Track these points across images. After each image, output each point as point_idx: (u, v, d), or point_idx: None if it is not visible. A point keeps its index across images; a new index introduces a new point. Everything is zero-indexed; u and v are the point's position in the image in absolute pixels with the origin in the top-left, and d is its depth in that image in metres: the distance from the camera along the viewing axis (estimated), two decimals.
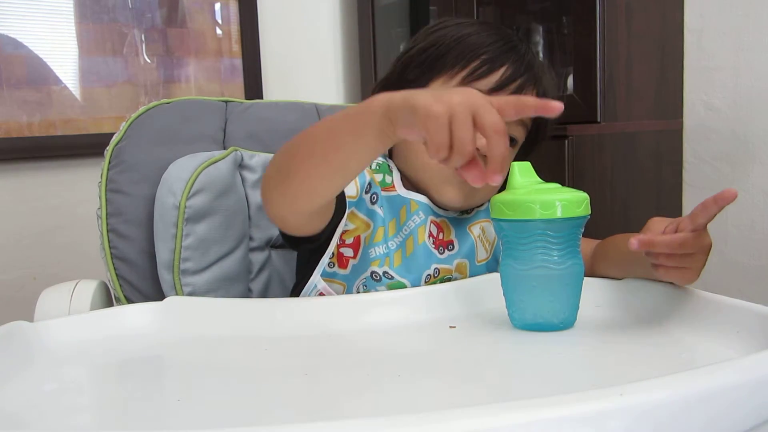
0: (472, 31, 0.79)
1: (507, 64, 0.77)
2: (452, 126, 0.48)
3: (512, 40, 0.80)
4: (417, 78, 0.80)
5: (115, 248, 0.86)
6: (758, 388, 0.44)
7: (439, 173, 0.78)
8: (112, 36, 2.00)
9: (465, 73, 0.76)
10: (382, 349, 0.62)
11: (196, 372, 0.58)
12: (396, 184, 0.81)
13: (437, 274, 0.79)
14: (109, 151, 0.89)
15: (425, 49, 0.80)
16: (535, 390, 0.51)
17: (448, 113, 0.48)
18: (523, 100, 0.51)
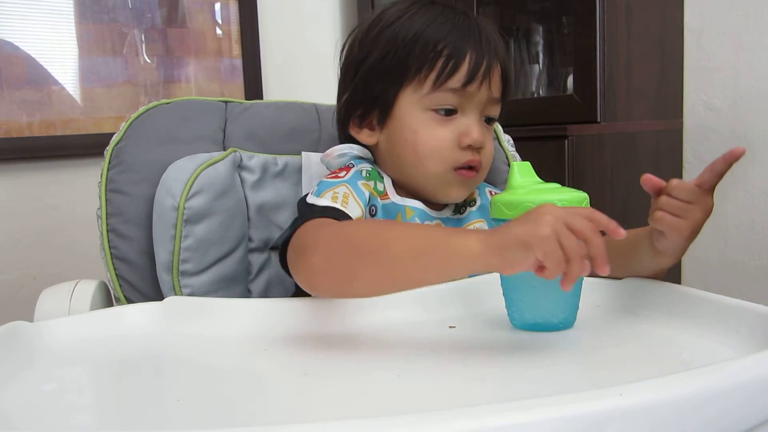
0: (421, 23, 0.77)
1: (469, 50, 0.76)
2: (561, 242, 0.51)
3: (460, 17, 0.78)
4: (384, 91, 0.79)
5: (115, 248, 0.86)
6: (758, 388, 0.44)
7: (440, 178, 0.79)
8: (112, 36, 2.00)
9: (433, 76, 0.76)
10: (382, 349, 0.62)
11: (196, 372, 0.58)
12: (389, 191, 0.82)
13: None
14: (108, 151, 0.89)
15: (382, 59, 0.78)
16: (534, 390, 0.51)
17: (555, 233, 0.51)
18: (599, 220, 0.53)
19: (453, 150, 0.78)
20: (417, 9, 0.79)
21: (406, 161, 0.80)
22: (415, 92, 0.78)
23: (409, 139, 0.79)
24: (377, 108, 0.81)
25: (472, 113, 0.78)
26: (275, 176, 0.94)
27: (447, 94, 0.76)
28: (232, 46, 2.20)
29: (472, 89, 0.76)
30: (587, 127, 1.59)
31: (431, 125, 0.78)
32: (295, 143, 0.97)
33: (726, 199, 1.70)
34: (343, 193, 0.77)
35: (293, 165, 0.95)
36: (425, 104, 0.77)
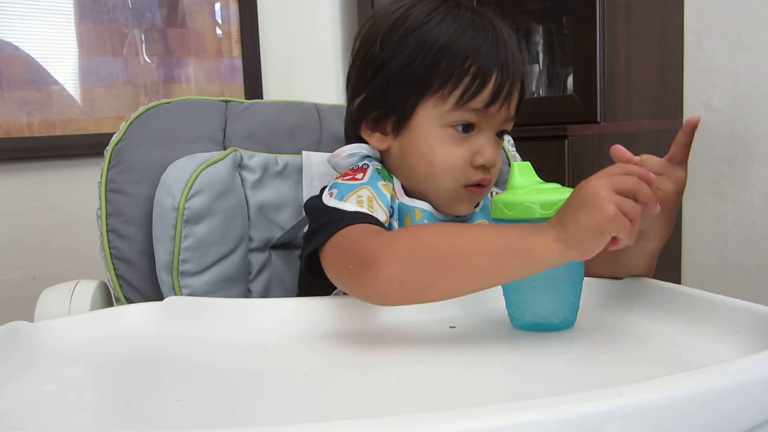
0: (450, 32, 0.75)
1: (495, 71, 0.74)
2: (623, 211, 0.54)
3: (488, 28, 0.76)
4: (404, 100, 0.77)
5: (115, 248, 0.86)
6: (759, 389, 0.44)
7: (451, 194, 0.78)
8: (112, 36, 2.00)
9: (458, 94, 0.74)
10: (383, 349, 0.62)
11: (196, 372, 0.58)
12: (398, 191, 0.81)
13: None
14: (108, 151, 0.89)
15: (406, 66, 0.76)
16: (534, 390, 0.51)
17: (617, 207, 0.54)
18: (631, 170, 0.59)
19: (466, 169, 0.77)
20: (445, 14, 0.76)
21: (418, 173, 0.79)
22: (436, 107, 0.76)
23: (424, 153, 0.77)
24: (394, 115, 0.79)
25: (488, 132, 0.77)
26: (276, 176, 0.94)
27: (468, 113, 0.75)
28: (232, 46, 2.20)
29: (493, 110, 0.75)
30: (587, 127, 1.59)
31: (448, 142, 0.76)
32: (296, 143, 0.97)
33: (726, 199, 1.70)
34: (367, 196, 0.75)
35: (294, 164, 0.95)
36: (445, 120, 0.76)
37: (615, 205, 0.54)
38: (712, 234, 1.73)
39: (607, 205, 0.54)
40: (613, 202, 0.54)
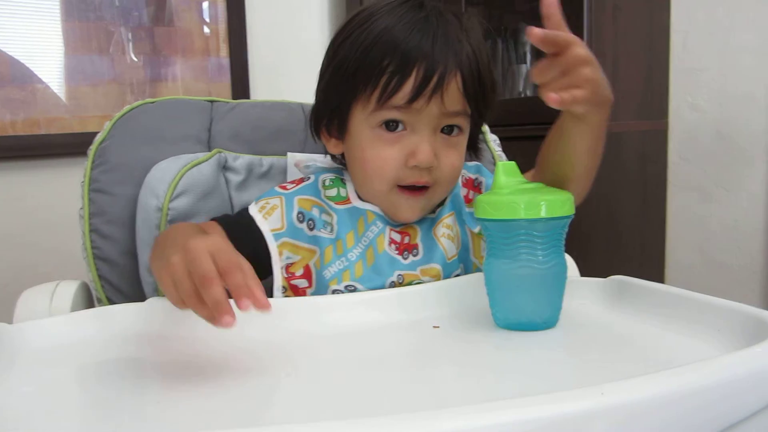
0: (375, 34, 0.73)
1: (417, 65, 0.71)
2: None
3: (419, 23, 0.73)
4: (339, 105, 0.78)
5: (98, 248, 0.86)
6: (739, 386, 0.45)
7: (385, 196, 0.78)
8: (98, 34, 1.99)
9: (377, 94, 0.73)
10: (365, 349, 0.62)
11: (177, 373, 0.57)
12: (351, 196, 0.81)
13: (401, 281, 0.78)
14: (92, 150, 0.88)
15: (336, 73, 0.77)
16: (517, 390, 0.51)
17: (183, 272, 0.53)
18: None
19: (398, 169, 0.75)
20: (381, 15, 0.75)
21: (358, 177, 0.80)
22: (363, 109, 0.75)
23: (358, 156, 0.78)
24: (336, 120, 0.79)
25: (422, 130, 0.74)
26: (260, 177, 0.93)
27: (391, 111, 0.74)
28: (219, 45, 2.19)
29: (418, 105, 0.73)
30: None
31: (378, 144, 0.75)
32: (281, 143, 0.96)
33: (710, 199, 1.72)
34: (273, 205, 0.79)
35: (278, 166, 0.95)
36: (371, 122, 0.75)
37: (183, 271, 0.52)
38: (695, 234, 1.74)
39: (175, 261, 0.53)
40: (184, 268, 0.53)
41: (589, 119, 0.65)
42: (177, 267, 0.52)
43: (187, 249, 0.52)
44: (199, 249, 0.52)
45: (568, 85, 0.61)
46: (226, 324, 0.50)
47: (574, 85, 0.61)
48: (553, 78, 0.61)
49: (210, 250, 0.52)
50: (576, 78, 0.60)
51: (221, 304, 0.50)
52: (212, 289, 0.50)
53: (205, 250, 0.52)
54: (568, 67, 0.61)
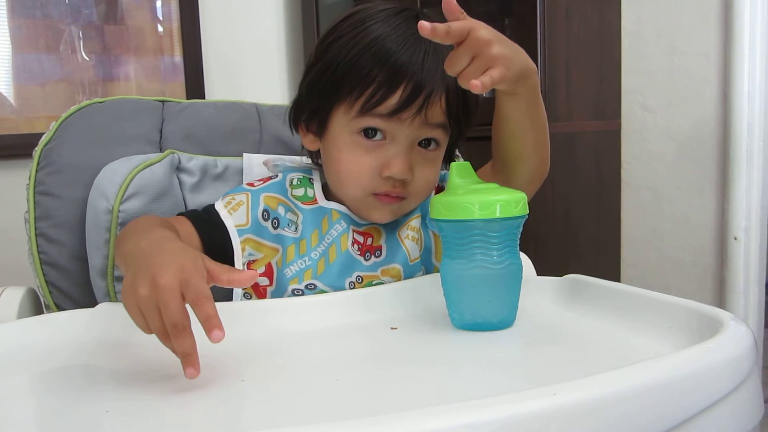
0: (367, 42, 0.73)
1: (405, 80, 0.72)
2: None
3: (415, 37, 0.72)
4: (321, 105, 0.78)
5: (45, 253, 0.83)
6: (689, 383, 0.45)
7: (360, 201, 0.78)
8: (46, 32, 1.93)
9: (362, 101, 0.73)
10: (322, 352, 0.62)
11: (131, 381, 0.56)
12: (317, 196, 0.81)
13: (360, 281, 0.78)
14: (37, 152, 0.85)
15: (323, 73, 0.77)
16: (472, 391, 0.51)
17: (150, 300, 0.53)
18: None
19: (372, 178, 0.76)
20: (376, 21, 0.75)
21: (331, 177, 0.80)
22: (345, 113, 0.75)
23: (334, 158, 0.78)
24: (317, 118, 0.80)
25: (401, 142, 0.75)
26: (215, 178, 0.92)
27: (373, 119, 0.74)
28: (173, 44, 2.16)
29: (402, 117, 0.73)
30: None
31: (355, 149, 0.76)
32: (236, 144, 0.95)
33: (662, 197, 1.76)
34: (238, 201, 0.79)
35: (234, 167, 0.93)
36: (352, 127, 0.75)
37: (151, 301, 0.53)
38: (649, 231, 1.78)
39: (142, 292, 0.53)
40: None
41: (518, 91, 0.68)
42: (146, 303, 0.53)
43: (156, 286, 0.52)
44: (169, 289, 0.52)
45: (481, 67, 0.62)
46: (190, 376, 0.51)
47: (487, 65, 0.62)
48: (465, 66, 0.62)
49: (180, 284, 0.52)
50: (487, 59, 0.62)
51: (190, 356, 0.52)
52: (183, 341, 0.51)
53: (175, 289, 0.52)
54: (475, 52, 0.62)
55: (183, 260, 0.55)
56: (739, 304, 1.62)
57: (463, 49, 0.62)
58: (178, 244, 0.61)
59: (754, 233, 1.61)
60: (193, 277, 0.53)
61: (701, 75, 1.66)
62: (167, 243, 0.62)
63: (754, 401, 0.51)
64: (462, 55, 0.62)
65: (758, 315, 1.65)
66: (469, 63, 0.62)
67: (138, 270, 0.55)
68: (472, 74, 0.62)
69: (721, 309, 0.56)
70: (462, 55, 0.62)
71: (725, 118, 1.62)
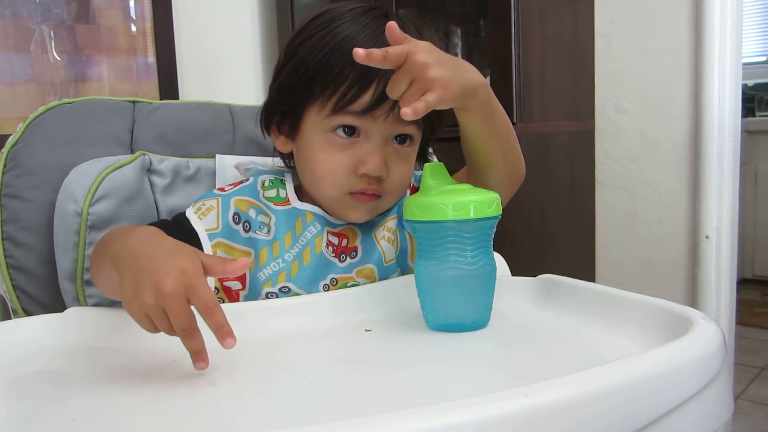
0: (337, 41, 0.74)
1: (376, 79, 0.72)
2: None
3: (386, 40, 0.70)
4: (294, 106, 0.77)
5: (11, 257, 0.81)
6: (660, 383, 0.46)
7: (336, 200, 0.77)
8: (15, 32, 1.90)
9: (335, 100, 0.73)
10: (295, 355, 0.61)
11: (99, 387, 0.55)
12: (290, 197, 0.81)
13: (335, 284, 0.78)
14: (3, 153, 0.83)
15: (293, 74, 0.77)
16: (446, 393, 0.51)
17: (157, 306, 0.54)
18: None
19: (348, 176, 0.75)
20: (344, 21, 0.75)
21: (306, 178, 0.80)
22: (318, 113, 0.75)
23: (308, 158, 0.77)
24: (289, 119, 0.79)
25: (375, 139, 0.75)
26: (187, 180, 0.91)
27: (347, 116, 0.74)
28: (146, 44, 2.13)
29: (375, 114, 0.73)
30: None
31: (329, 148, 0.75)
32: (208, 145, 0.94)
33: (635, 197, 1.78)
34: (209, 206, 0.78)
35: (206, 168, 0.92)
36: (325, 126, 0.75)
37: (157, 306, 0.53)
38: (623, 231, 1.80)
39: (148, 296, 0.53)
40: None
41: (468, 107, 0.68)
42: (153, 310, 0.54)
43: (161, 294, 0.53)
44: (176, 297, 0.53)
45: (419, 91, 0.62)
46: (200, 368, 0.55)
47: (425, 89, 0.62)
48: (405, 90, 0.63)
49: (185, 290, 0.53)
50: (424, 82, 0.62)
51: (200, 353, 0.55)
52: (193, 341, 0.54)
53: (182, 296, 0.53)
54: (413, 75, 0.62)
55: (182, 262, 0.55)
56: (711, 303, 1.64)
57: (402, 74, 0.62)
58: (169, 241, 0.61)
59: (725, 232, 1.64)
60: (198, 283, 0.54)
61: (673, 76, 1.68)
62: (158, 240, 0.61)
63: (724, 399, 0.51)
64: (401, 80, 0.63)
65: (730, 313, 1.68)
66: (408, 87, 0.62)
67: (137, 275, 0.55)
68: (411, 98, 0.62)
69: (692, 308, 0.57)
70: (401, 80, 0.63)
71: (696, 119, 1.64)
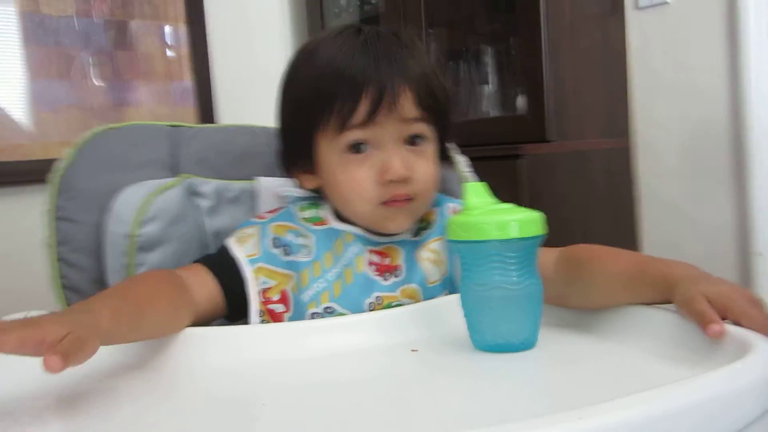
0: (318, 70, 0.76)
1: (365, 88, 0.73)
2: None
3: (358, 49, 0.75)
4: (303, 141, 0.79)
5: (65, 278, 0.84)
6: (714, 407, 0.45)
7: (371, 214, 0.78)
8: (59, 59, 1.96)
9: (335, 120, 0.75)
10: (342, 374, 0.61)
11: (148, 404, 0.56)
12: (328, 217, 0.82)
13: (380, 302, 0.78)
14: (55, 177, 0.86)
15: (292, 112, 0.79)
16: (494, 415, 0.50)
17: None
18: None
19: (375, 187, 0.76)
20: (322, 47, 0.77)
21: (338, 203, 0.80)
22: (325, 139, 0.77)
23: (333, 183, 0.78)
24: (304, 157, 0.81)
25: (387, 144, 0.76)
26: (231, 202, 0.93)
27: (352, 131, 0.75)
28: (183, 69, 2.18)
29: (376, 120, 0.74)
30: (540, 146, 1.62)
31: (348, 167, 0.76)
32: (247, 168, 0.96)
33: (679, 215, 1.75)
34: (248, 233, 0.80)
35: (248, 191, 0.94)
36: (336, 147, 0.76)
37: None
38: (668, 249, 1.77)
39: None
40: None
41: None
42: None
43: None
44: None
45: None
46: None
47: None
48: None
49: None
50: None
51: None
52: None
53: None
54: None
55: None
56: None
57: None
58: (87, 303, 0.59)
59: None
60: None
61: (710, 89, 1.66)
62: (90, 300, 0.61)
63: None
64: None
65: None
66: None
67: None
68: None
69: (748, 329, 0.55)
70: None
71: (738, 132, 1.61)
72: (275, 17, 2.38)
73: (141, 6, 2.10)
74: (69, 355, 0.48)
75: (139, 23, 2.10)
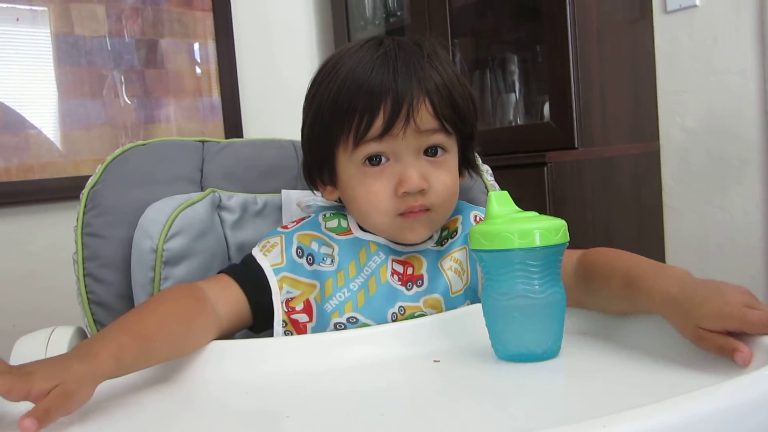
0: (339, 82, 0.75)
1: (383, 101, 0.73)
2: None
3: (378, 60, 0.75)
4: (325, 154, 0.80)
5: (92, 293, 0.85)
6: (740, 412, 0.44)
7: (389, 226, 0.78)
8: (90, 78, 2.00)
9: (353, 134, 0.75)
10: (365, 386, 0.61)
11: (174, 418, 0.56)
12: (352, 227, 0.82)
13: (403, 313, 0.78)
14: (84, 194, 0.88)
15: (314, 125, 0.79)
16: (518, 425, 0.50)
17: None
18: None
19: (391, 199, 0.76)
20: (346, 59, 0.77)
21: (357, 215, 0.81)
22: (344, 152, 0.77)
23: (351, 196, 0.79)
24: (326, 169, 0.81)
25: (404, 157, 0.76)
26: (255, 215, 0.93)
27: (370, 144, 0.75)
28: (211, 85, 2.21)
29: (393, 133, 0.74)
30: (565, 153, 1.60)
31: (365, 180, 0.77)
32: (274, 181, 0.97)
33: (706, 219, 1.72)
34: (273, 243, 0.81)
35: (273, 203, 0.95)
36: (354, 160, 0.77)
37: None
38: (694, 255, 1.74)
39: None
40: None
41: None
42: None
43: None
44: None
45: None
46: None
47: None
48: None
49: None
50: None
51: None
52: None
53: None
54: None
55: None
56: None
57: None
58: (86, 343, 0.60)
59: None
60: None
61: (739, 92, 1.63)
62: (91, 338, 0.63)
63: None
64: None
65: None
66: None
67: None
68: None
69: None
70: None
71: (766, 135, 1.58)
72: (302, 32, 2.40)
73: (171, 24, 2.14)
74: (50, 411, 0.49)
75: (169, 41, 2.14)
